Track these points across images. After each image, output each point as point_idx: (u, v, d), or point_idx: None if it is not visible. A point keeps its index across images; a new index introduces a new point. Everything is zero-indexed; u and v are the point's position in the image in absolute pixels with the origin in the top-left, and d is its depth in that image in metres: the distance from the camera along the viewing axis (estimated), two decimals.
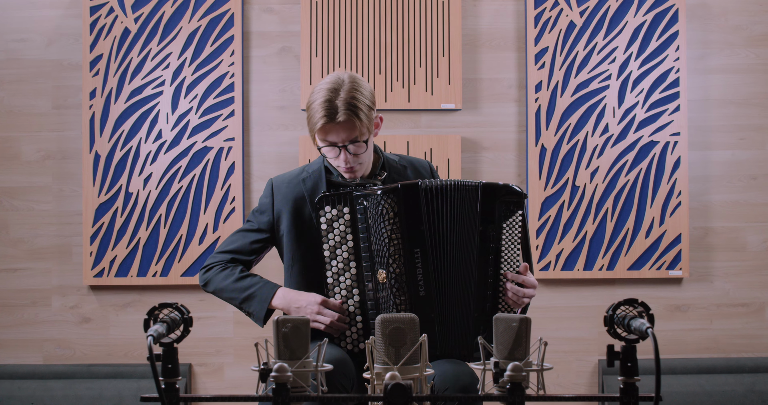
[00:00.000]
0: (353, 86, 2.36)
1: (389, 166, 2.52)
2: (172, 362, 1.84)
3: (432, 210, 2.34)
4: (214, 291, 2.53)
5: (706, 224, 4.13)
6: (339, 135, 2.35)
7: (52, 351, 4.09)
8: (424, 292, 2.32)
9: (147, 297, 4.08)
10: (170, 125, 4.06)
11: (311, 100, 2.36)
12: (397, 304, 2.32)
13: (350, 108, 2.32)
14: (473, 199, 2.35)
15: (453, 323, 2.35)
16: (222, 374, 4.08)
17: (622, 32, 4.08)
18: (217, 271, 2.52)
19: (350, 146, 2.37)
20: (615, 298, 4.04)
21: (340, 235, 2.38)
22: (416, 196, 2.33)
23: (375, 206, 2.32)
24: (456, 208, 2.35)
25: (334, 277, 2.40)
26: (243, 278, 2.49)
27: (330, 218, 2.38)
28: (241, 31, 4.08)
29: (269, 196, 2.54)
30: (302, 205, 2.49)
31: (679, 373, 4.01)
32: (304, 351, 1.88)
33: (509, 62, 4.13)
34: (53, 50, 4.11)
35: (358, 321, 2.40)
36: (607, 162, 4.07)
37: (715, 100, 4.14)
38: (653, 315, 1.87)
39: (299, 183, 2.51)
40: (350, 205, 2.36)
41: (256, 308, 2.46)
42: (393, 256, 2.32)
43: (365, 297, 2.38)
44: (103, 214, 4.03)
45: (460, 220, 2.35)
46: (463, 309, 2.35)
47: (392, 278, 2.32)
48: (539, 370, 1.84)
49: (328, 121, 2.32)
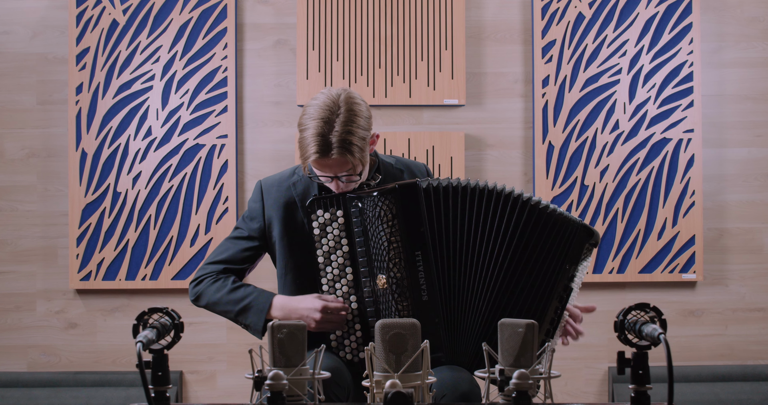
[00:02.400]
0: (349, 116, 2.30)
1: (385, 170, 2.51)
2: (162, 370, 1.85)
3: (435, 210, 2.32)
4: (206, 305, 2.51)
5: (720, 225, 4.13)
6: (332, 169, 2.33)
7: (37, 358, 4.09)
8: (427, 297, 2.31)
9: (136, 301, 4.08)
10: (160, 122, 4.06)
11: (304, 126, 2.32)
12: (399, 309, 2.31)
13: (344, 145, 2.28)
14: (563, 233, 2.31)
15: (463, 329, 2.34)
16: (214, 382, 4.08)
17: (633, 24, 4.08)
18: (209, 283, 2.50)
19: (344, 178, 2.35)
20: (626, 302, 4.04)
21: (335, 240, 2.37)
22: (415, 196, 2.32)
23: (372, 208, 2.32)
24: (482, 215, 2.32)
25: (330, 284, 2.40)
26: (236, 289, 2.47)
27: (323, 222, 2.37)
28: (235, 23, 4.08)
29: (259, 201, 2.52)
30: (293, 209, 2.47)
31: (692, 381, 4.01)
32: (300, 358, 1.88)
33: (515, 56, 4.13)
34: (38, 43, 4.11)
35: (357, 329, 2.39)
36: (617, 160, 4.07)
37: (730, 96, 4.14)
38: (665, 320, 1.87)
39: (290, 187, 2.50)
40: (344, 208, 2.36)
41: (254, 320, 2.44)
42: (393, 259, 2.31)
43: (363, 304, 2.37)
44: (90, 214, 4.03)
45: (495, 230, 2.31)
46: (484, 321, 2.33)
47: (393, 283, 2.31)
48: (546, 378, 1.84)
49: (321, 157, 2.30)
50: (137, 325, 1.89)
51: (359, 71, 4.06)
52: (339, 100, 2.31)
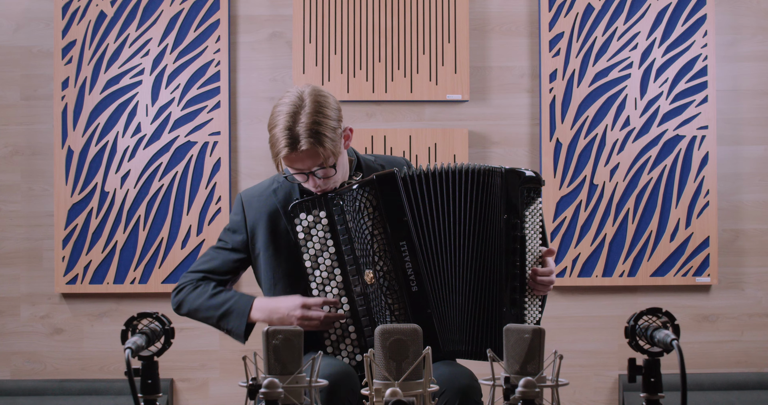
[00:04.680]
0: (315, 107, 2.35)
1: (366, 168, 2.56)
2: (152, 377, 1.85)
3: (417, 199, 2.38)
4: (188, 312, 2.55)
5: (736, 226, 4.13)
6: (304, 163, 2.37)
7: (21, 365, 4.09)
8: (416, 288, 2.36)
9: (124, 306, 4.08)
10: (150, 118, 4.06)
11: (272, 124, 2.39)
12: (389, 304, 2.36)
13: (312, 135, 2.32)
14: (496, 185, 2.39)
15: (454, 316, 2.39)
16: (206, 390, 4.08)
17: (644, 16, 4.08)
18: (189, 290, 2.55)
19: (318, 172, 2.39)
20: (637, 307, 4.03)
21: (320, 242, 2.41)
22: (394, 185, 2.36)
23: (352, 203, 2.37)
24: (452, 195, 2.40)
25: (320, 288, 2.44)
26: (216, 294, 2.52)
27: (307, 226, 2.42)
28: (228, 14, 4.08)
29: (240, 213, 2.56)
30: (277, 217, 2.52)
31: (707, 390, 4.02)
32: (296, 365, 1.88)
33: (521, 49, 4.14)
34: (22, 36, 4.11)
35: (351, 332, 2.43)
36: (628, 158, 4.07)
37: (746, 91, 4.14)
38: (678, 326, 1.87)
39: (270, 195, 2.54)
40: (326, 209, 2.40)
41: (235, 324, 2.48)
42: (378, 253, 2.36)
43: (355, 304, 2.41)
44: (77, 215, 4.03)
45: (459, 207, 2.40)
46: (467, 301, 2.39)
47: (380, 277, 2.36)
48: (554, 386, 1.84)
49: (290, 151, 2.34)
50: (126, 331, 1.89)
51: (358, 65, 4.06)
52: (304, 95, 2.37)
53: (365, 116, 4.10)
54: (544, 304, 2.48)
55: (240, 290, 3.94)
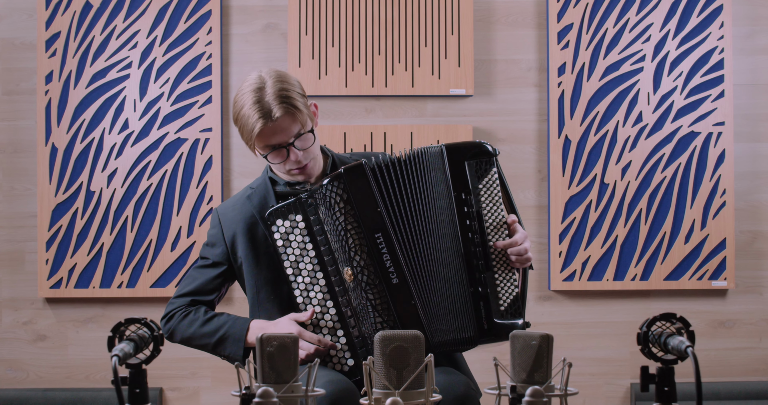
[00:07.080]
0: (278, 78, 2.44)
1: (341, 164, 2.58)
2: (140, 386, 1.85)
3: (387, 188, 2.41)
4: (181, 340, 2.60)
5: (754, 228, 4.14)
6: (282, 134, 2.43)
7: (2, 373, 4.09)
8: (397, 280, 2.39)
9: (111, 311, 4.08)
10: (138, 114, 4.06)
11: (237, 109, 2.44)
12: (371, 299, 2.38)
13: (284, 100, 2.40)
14: (440, 165, 2.44)
15: (441, 305, 2.41)
16: (198, 400, 4.09)
17: (658, 6, 4.09)
18: (179, 318, 2.58)
19: (297, 142, 2.44)
20: (650, 312, 4.05)
21: (299, 247, 2.45)
22: (363, 176, 2.40)
23: (325, 200, 2.40)
24: (419, 180, 2.43)
25: (303, 293, 2.46)
26: (209, 321, 2.56)
27: (285, 232, 2.45)
28: (220, 5, 4.08)
29: (217, 226, 2.62)
30: (254, 224, 2.56)
31: (723, 399, 4.02)
32: (292, 373, 1.88)
33: (528, 41, 4.14)
34: (3, 27, 4.11)
35: (340, 336, 2.45)
36: (640, 156, 4.07)
37: (764, 85, 4.14)
38: (694, 332, 1.87)
39: (245, 201, 2.59)
40: (302, 212, 2.44)
41: (232, 350, 2.52)
42: (353, 248, 2.39)
43: (340, 307, 2.43)
44: (61, 216, 4.04)
45: (426, 191, 2.44)
46: (451, 287, 2.42)
47: (359, 273, 2.38)
48: (563, 396, 1.84)
49: (265, 123, 2.39)
50: (113, 338, 1.89)
51: (357, 58, 4.06)
52: (263, 74, 2.46)
53: (364, 112, 4.10)
54: (527, 278, 2.49)
55: (229, 295, 3.96)
